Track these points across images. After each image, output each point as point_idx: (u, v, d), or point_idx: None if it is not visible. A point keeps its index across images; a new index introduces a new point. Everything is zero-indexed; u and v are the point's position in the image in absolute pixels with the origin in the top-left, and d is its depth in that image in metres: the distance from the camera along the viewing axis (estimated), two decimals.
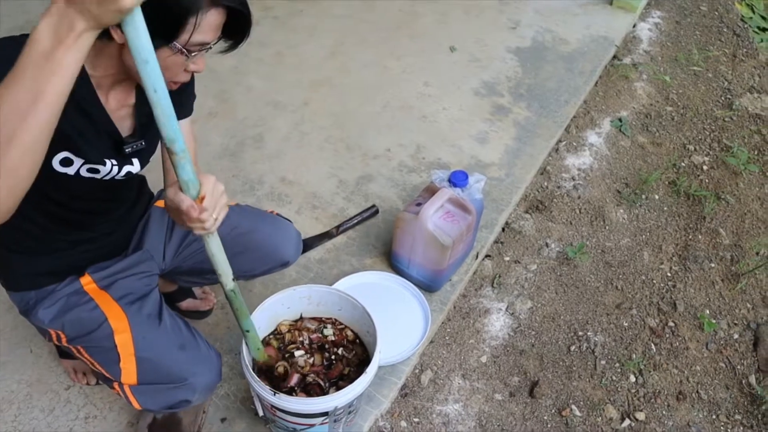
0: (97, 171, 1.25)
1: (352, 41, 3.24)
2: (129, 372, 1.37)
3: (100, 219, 1.42)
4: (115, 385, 1.41)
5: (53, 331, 1.42)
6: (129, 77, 1.19)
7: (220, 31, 1.14)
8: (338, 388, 1.50)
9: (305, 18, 3.40)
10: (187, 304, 1.92)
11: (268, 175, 2.45)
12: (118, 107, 1.25)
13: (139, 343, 1.37)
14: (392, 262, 2.10)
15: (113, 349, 1.37)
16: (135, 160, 1.33)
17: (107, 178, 1.28)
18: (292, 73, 3.01)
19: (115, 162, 1.27)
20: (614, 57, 3.26)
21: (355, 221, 2.26)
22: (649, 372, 1.94)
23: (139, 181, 1.61)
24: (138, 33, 0.88)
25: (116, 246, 1.52)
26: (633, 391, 1.90)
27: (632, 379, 1.92)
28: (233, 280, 1.30)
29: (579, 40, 3.29)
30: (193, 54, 1.13)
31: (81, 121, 1.18)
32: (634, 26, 3.50)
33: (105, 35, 1.07)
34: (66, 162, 1.19)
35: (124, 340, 1.37)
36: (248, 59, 3.07)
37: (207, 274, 1.68)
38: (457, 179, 1.91)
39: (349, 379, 1.54)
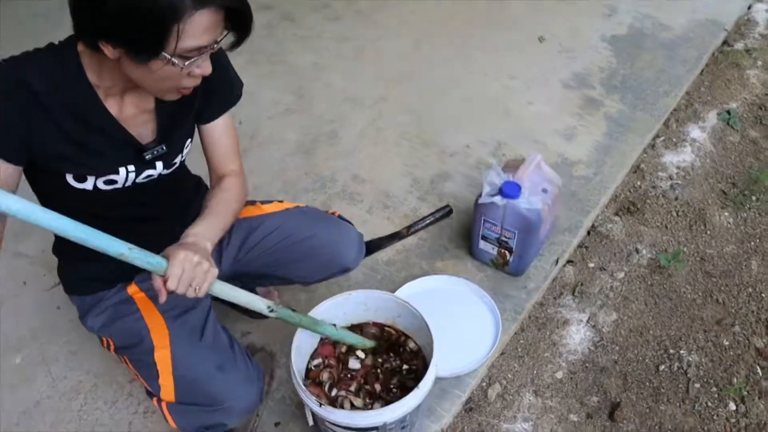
0: (113, 182, 1.23)
1: (436, 34, 3.13)
2: (167, 389, 1.34)
3: (149, 224, 1.39)
4: (155, 399, 1.39)
5: (104, 338, 1.43)
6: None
7: (219, 29, 1.07)
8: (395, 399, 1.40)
9: (390, 11, 3.32)
10: None
11: (340, 173, 2.39)
12: (136, 113, 1.23)
13: (177, 361, 1.34)
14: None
15: (153, 365, 1.35)
16: (158, 164, 1.30)
17: (128, 184, 1.26)
18: (372, 67, 2.94)
19: (132, 168, 1.24)
20: (724, 43, 2.95)
21: (427, 222, 2.15)
22: (753, 400, 1.71)
23: (193, 182, 1.59)
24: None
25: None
26: (732, 420, 1.67)
27: (732, 406, 1.70)
28: (269, 309, 1.28)
29: (683, 25, 3.00)
30: (189, 61, 1.06)
31: (91, 136, 1.17)
32: (749, 8, 3.15)
33: (99, 49, 1.04)
34: (80, 178, 1.19)
35: (162, 357, 1.34)
36: (329, 54, 3.04)
37: (269, 277, 1.65)
38: (511, 190, 1.76)
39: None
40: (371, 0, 3.41)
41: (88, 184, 1.20)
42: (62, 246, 1.44)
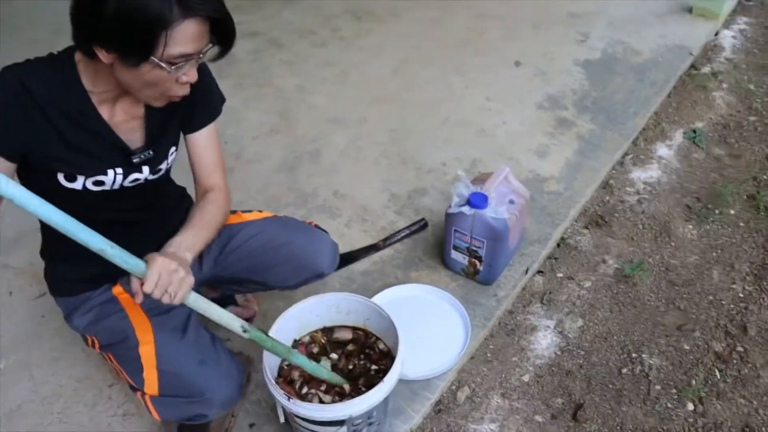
0: (101, 183, 1.31)
1: (416, 58, 3.25)
2: (151, 383, 1.42)
3: (132, 228, 1.46)
4: (138, 394, 1.46)
5: (89, 336, 1.50)
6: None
7: (205, 40, 1.17)
8: None
9: (372, 37, 3.46)
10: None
11: (321, 189, 2.48)
12: (127, 119, 1.32)
13: (161, 356, 1.42)
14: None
15: (137, 359, 1.42)
16: (144, 168, 1.38)
17: (116, 187, 1.34)
18: (354, 90, 3.05)
19: (120, 171, 1.33)
20: (692, 66, 3.07)
21: (403, 234, 2.23)
22: (711, 401, 1.77)
23: (177, 192, 1.67)
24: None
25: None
26: (690, 420, 1.74)
27: (690, 407, 1.76)
28: (243, 329, 1.33)
29: (653, 50, 3.13)
30: (175, 66, 1.16)
31: (84, 139, 1.25)
32: (716, 34, 3.29)
33: (94, 56, 1.14)
34: (70, 178, 1.27)
35: (147, 352, 1.42)
36: (314, 78, 3.15)
37: (248, 283, 1.72)
38: (478, 201, 1.85)
39: None
40: (356, 27, 3.54)
41: (78, 184, 1.28)
42: (50, 249, 1.51)
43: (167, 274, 1.18)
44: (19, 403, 1.78)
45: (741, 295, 2.05)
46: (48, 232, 1.49)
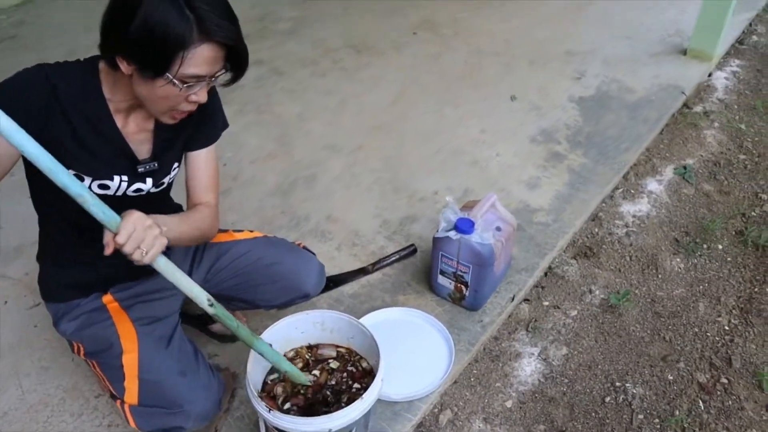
0: (107, 187, 1.36)
1: (414, 91, 3.32)
2: (131, 392, 1.44)
3: None
4: (118, 402, 1.48)
5: (75, 343, 1.53)
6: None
7: (219, 65, 1.23)
8: None
9: (371, 69, 3.53)
10: (217, 327, 1.98)
11: (314, 213, 2.51)
12: (137, 131, 1.38)
13: (143, 364, 1.44)
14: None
15: (120, 368, 1.45)
16: (148, 180, 1.43)
17: (119, 194, 1.38)
18: (352, 119, 3.12)
19: (125, 178, 1.37)
20: (684, 105, 3.13)
21: (392, 259, 2.26)
22: (694, 431, 1.77)
23: (173, 208, 1.72)
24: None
25: (142, 267, 1.61)
26: None
27: None
28: (210, 304, 1.28)
29: (646, 88, 3.20)
30: (187, 85, 1.21)
31: (96, 141, 1.31)
32: (709, 75, 3.36)
33: (116, 66, 1.20)
34: (78, 178, 1.31)
35: (130, 361, 1.45)
36: (313, 106, 3.22)
37: (235, 300, 1.75)
38: (464, 226, 1.88)
39: None
40: (356, 60, 3.63)
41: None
42: (46, 251, 1.55)
43: (142, 228, 1.16)
44: (6, 410, 1.79)
45: (726, 328, 2.06)
46: (46, 235, 1.53)
